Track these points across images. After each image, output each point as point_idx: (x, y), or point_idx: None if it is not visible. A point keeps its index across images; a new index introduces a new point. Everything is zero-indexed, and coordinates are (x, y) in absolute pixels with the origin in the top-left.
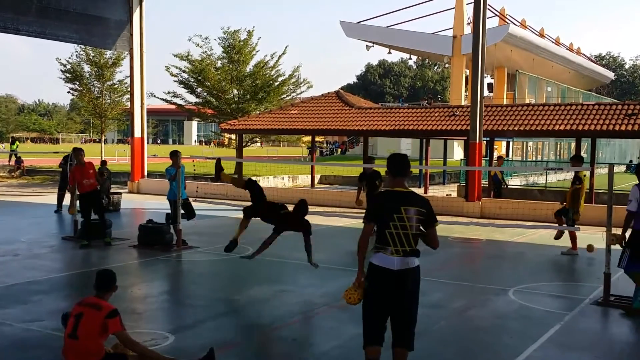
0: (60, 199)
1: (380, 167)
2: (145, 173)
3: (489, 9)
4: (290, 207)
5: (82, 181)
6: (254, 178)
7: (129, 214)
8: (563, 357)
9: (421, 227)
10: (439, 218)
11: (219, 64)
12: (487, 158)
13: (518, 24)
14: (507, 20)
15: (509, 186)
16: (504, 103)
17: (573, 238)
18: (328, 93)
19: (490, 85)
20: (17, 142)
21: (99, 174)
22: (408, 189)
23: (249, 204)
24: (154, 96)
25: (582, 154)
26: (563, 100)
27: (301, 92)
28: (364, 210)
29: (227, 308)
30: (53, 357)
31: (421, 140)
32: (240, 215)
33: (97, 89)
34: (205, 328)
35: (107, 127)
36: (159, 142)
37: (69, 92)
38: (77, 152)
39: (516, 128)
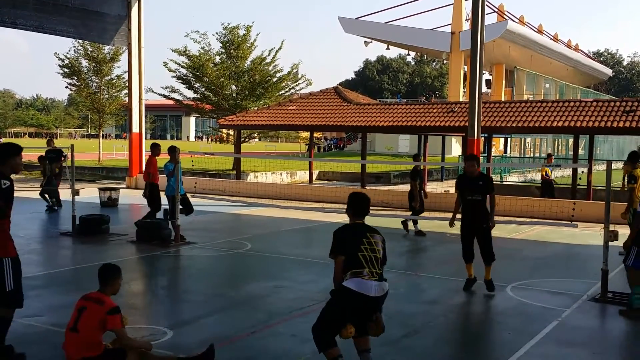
0: (52, 194)
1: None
2: (144, 168)
3: (487, 5)
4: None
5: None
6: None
7: (127, 209)
8: (561, 353)
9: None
10: (438, 214)
11: (217, 59)
12: (486, 154)
13: (516, 21)
14: (505, 16)
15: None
16: (502, 99)
17: None
18: (326, 89)
19: (488, 82)
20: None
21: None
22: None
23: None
24: (152, 91)
25: (580, 150)
26: (561, 96)
27: (300, 89)
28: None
29: (226, 303)
30: (53, 352)
31: (419, 136)
32: (238, 210)
33: (95, 84)
34: (203, 323)
35: (105, 123)
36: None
37: (67, 87)
38: (157, 147)
39: (514, 124)
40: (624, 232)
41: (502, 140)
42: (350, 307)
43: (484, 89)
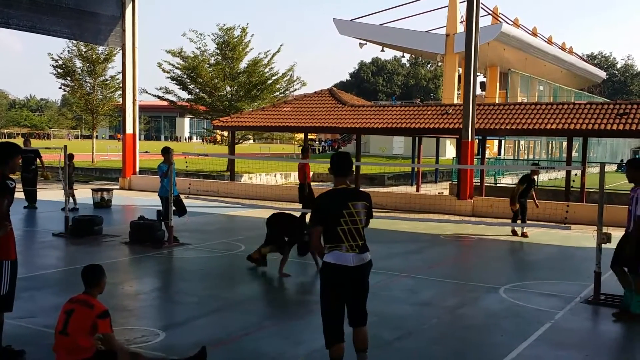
0: (34, 194)
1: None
2: (137, 169)
3: (482, 7)
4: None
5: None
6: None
7: (120, 210)
8: (553, 355)
9: None
10: (431, 216)
11: (212, 60)
12: (479, 156)
13: (511, 23)
14: (500, 19)
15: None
16: (497, 102)
17: None
18: (321, 90)
19: (482, 84)
20: None
21: (68, 166)
22: (350, 185)
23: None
24: (146, 92)
25: (574, 153)
26: (555, 99)
27: (294, 90)
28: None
29: (219, 305)
30: (44, 353)
31: (414, 138)
32: (231, 212)
33: (89, 85)
34: (196, 325)
35: (98, 123)
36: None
37: (60, 88)
38: (307, 150)
39: (508, 127)
40: (617, 234)
41: (496, 142)
42: (333, 280)
43: (478, 91)
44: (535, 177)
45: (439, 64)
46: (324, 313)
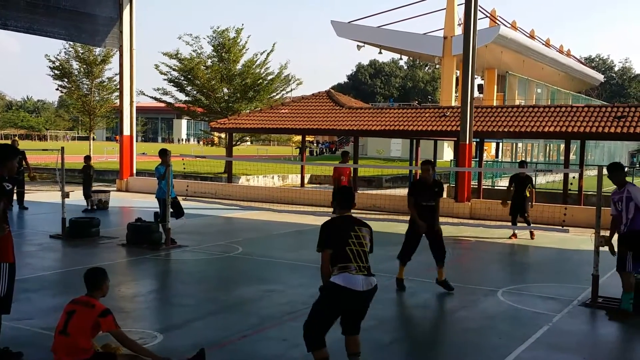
0: (21, 196)
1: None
2: (134, 171)
3: (479, 10)
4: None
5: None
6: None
7: (117, 212)
8: (551, 357)
9: None
10: None
11: (209, 62)
12: (477, 159)
13: (509, 26)
14: (497, 21)
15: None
16: (494, 104)
17: None
18: (319, 93)
19: (480, 87)
20: None
21: (86, 167)
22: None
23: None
24: (144, 94)
25: (572, 155)
26: (553, 102)
27: (291, 90)
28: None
29: (216, 307)
30: (42, 355)
31: (411, 140)
32: (229, 214)
33: (86, 86)
34: (194, 327)
35: (95, 125)
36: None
37: (57, 89)
38: (347, 154)
39: (506, 129)
40: (614, 237)
41: (493, 145)
42: (339, 302)
43: (476, 93)
44: (525, 174)
45: (437, 66)
46: (315, 323)
